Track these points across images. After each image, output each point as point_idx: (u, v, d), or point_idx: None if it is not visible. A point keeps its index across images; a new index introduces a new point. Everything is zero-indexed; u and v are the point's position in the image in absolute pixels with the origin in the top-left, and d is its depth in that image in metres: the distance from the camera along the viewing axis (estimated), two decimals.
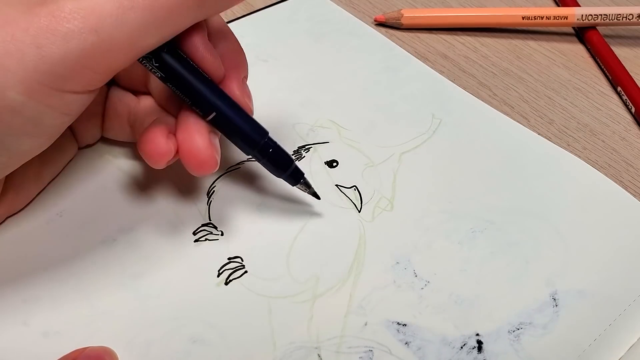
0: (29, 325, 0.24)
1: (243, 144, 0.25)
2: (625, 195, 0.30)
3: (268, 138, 0.25)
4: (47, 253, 0.26)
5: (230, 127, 0.25)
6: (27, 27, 0.19)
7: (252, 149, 0.25)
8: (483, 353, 0.24)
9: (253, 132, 0.25)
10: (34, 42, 0.19)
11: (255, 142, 0.25)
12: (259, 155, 0.25)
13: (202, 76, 0.24)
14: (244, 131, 0.25)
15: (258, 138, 0.25)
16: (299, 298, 0.26)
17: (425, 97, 0.35)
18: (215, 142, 0.25)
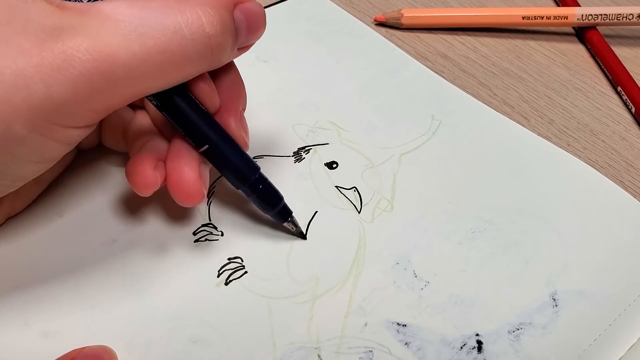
0: (29, 325, 0.24)
1: (233, 178, 0.25)
2: (625, 195, 0.30)
3: (259, 174, 0.25)
4: (47, 253, 0.26)
5: (222, 161, 0.25)
6: (39, 63, 0.19)
7: (242, 184, 0.25)
8: (483, 353, 0.24)
9: (244, 167, 0.25)
10: (43, 80, 0.19)
11: (246, 178, 0.25)
12: (248, 190, 0.25)
13: (197, 107, 0.24)
14: (235, 166, 0.25)
15: (249, 174, 0.25)
16: (299, 299, 0.26)
17: (425, 98, 0.35)
18: (205, 174, 0.25)
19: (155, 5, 0.21)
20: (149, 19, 0.20)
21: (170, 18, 0.21)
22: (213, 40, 0.22)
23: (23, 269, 0.26)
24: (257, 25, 0.24)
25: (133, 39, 0.20)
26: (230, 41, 0.23)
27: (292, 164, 0.31)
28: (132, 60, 0.20)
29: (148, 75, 0.21)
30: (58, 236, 0.27)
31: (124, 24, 0.20)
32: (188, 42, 0.21)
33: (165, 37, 0.20)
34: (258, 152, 0.31)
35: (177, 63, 0.21)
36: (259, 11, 0.24)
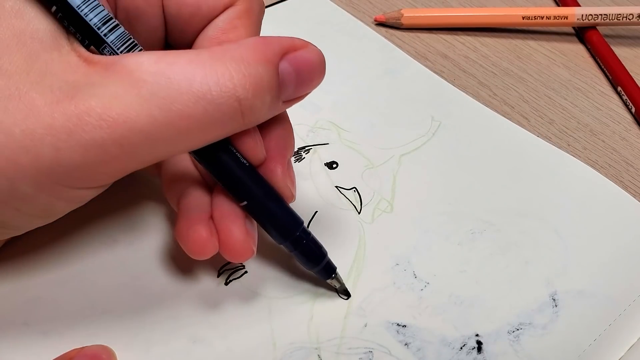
0: (30, 325, 0.24)
1: (275, 234, 0.24)
2: (625, 195, 0.30)
3: (302, 229, 0.24)
4: (48, 253, 0.26)
5: (263, 216, 0.23)
6: (50, 124, 0.18)
7: (285, 240, 0.24)
8: (483, 353, 0.24)
9: (287, 223, 0.24)
10: (53, 143, 0.18)
11: (289, 234, 0.24)
12: (290, 246, 0.24)
13: (236, 160, 0.22)
14: (277, 222, 0.23)
15: (292, 229, 0.24)
16: (299, 299, 0.26)
17: (424, 99, 0.35)
18: (252, 229, 0.23)
19: (185, 62, 0.19)
20: (175, 79, 0.18)
21: (198, 79, 0.19)
22: (245, 104, 0.19)
23: (23, 268, 0.25)
24: (310, 77, 0.22)
25: (154, 103, 0.18)
26: (268, 100, 0.20)
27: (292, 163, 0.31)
28: (151, 126, 0.18)
29: (169, 140, 0.19)
30: (58, 236, 0.27)
31: (146, 85, 0.18)
32: (216, 106, 0.19)
33: (190, 102, 0.18)
34: None
35: (202, 128, 0.19)
36: (314, 60, 0.22)
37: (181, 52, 0.20)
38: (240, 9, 0.23)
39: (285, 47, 0.21)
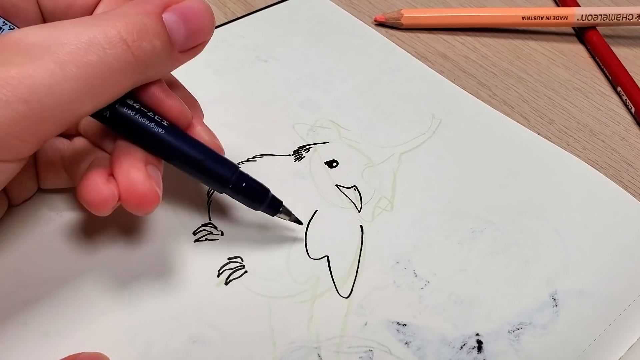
0: (30, 325, 0.24)
1: (214, 184, 0.24)
2: (625, 195, 0.30)
3: (238, 173, 0.25)
4: (48, 253, 0.26)
5: (197, 170, 0.24)
6: None
7: (224, 187, 0.24)
8: (483, 353, 0.24)
9: (222, 171, 0.24)
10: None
11: (227, 180, 0.24)
12: (232, 192, 0.25)
13: (157, 121, 0.23)
14: (212, 173, 0.24)
15: (229, 175, 0.24)
16: (299, 298, 0.26)
17: (425, 97, 0.35)
18: (155, 174, 0.23)
19: (68, 23, 0.20)
20: (62, 36, 0.19)
21: (84, 32, 0.20)
22: (133, 46, 0.20)
23: (23, 268, 0.25)
24: (199, 25, 0.23)
25: (48, 59, 0.19)
26: (159, 44, 0.21)
27: (292, 162, 0.31)
28: (51, 79, 0.19)
29: (74, 93, 0.19)
30: (58, 236, 0.27)
31: (36, 46, 0.19)
32: (107, 52, 0.20)
33: (81, 50, 0.19)
34: (258, 151, 0.31)
35: (101, 76, 0.20)
36: (198, 7, 0.22)
37: (64, 20, 0.20)
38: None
39: (165, 1, 0.22)
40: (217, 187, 0.25)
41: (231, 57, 0.36)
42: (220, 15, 0.40)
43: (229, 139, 0.30)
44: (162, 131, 0.23)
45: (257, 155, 0.31)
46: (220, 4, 0.41)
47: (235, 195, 0.25)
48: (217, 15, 0.40)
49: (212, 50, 0.36)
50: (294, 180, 0.30)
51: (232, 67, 0.36)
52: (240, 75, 0.35)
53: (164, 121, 0.23)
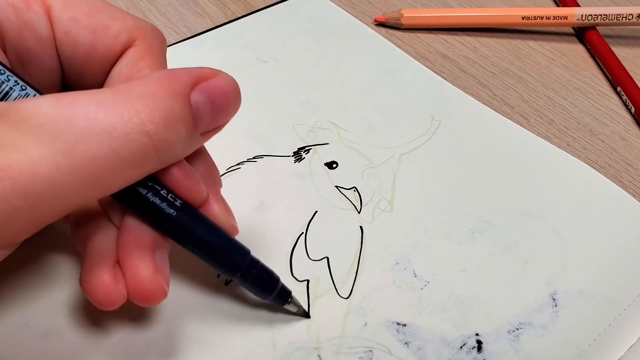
0: (30, 326, 0.24)
1: (223, 271, 0.23)
2: (625, 195, 0.30)
3: (250, 259, 0.23)
4: (48, 253, 0.26)
5: (207, 254, 0.22)
6: None
7: (234, 274, 0.22)
8: (483, 353, 0.24)
9: (234, 257, 0.22)
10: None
11: (237, 267, 0.22)
12: (241, 280, 0.23)
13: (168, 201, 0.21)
14: (223, 258, 0.22)
15: (239, 262, 0.22)
16: (299, 298, 0.26)
17: (424, 98, 0.35)
18: (162, 264, 0.21)
19: (86, 101, 0.17)
20: (76, 120, 0.17)
21: (100, 117, 0.17)
22: (156, 138, 0.18)
23: (23, 268, 0.25)
24: (225, 104, 0.21)
25: (56, 148, 0.17)
26: (184, 132, 0.19)
27: (292, 163, 0.31)
28: (55, 173, 0.17)
29: (78, 186, 0.17)
30: (58, 236, 0.27)
31: (45, 130, 0.17)
32: (123, 144, 0.17)
33: (94, 141, 0.17)
34: (258, 152, 0.31)
35: (112, 170, 0.18)
36: (227, 87, 0.21)
37: (82, 92, 0.18)
38: (140, 48, 0.22)
39: (194, 78, 0.20)
40: (225, 273, 0.23)
41: (231, 57, 0.36)
42: (220, 15, 0.40)
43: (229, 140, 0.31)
44: (173, 213, 0.21)
45: (257, 156, 0.31)
46: (220, 4, 0.41)
47: (243, 283, 0.23)
48: (217, 15, 0.40)
49: (211, 50, 0.37)
50: (294, 182, 0.30)
51: (232, 67, 0.36)
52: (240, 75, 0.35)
53: (177, 200, 0.21)
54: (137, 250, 0.20)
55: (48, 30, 0.21)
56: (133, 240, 0.21)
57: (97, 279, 0.20)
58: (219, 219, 0.22)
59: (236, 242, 0.23)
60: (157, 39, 0.23)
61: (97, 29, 0.22)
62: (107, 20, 0.22)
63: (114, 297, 0.20)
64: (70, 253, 0.26)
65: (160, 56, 0.23)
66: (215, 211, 0.22)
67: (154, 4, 0.40)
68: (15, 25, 0.21)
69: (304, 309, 0.25)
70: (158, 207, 0.20)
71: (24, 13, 0.21)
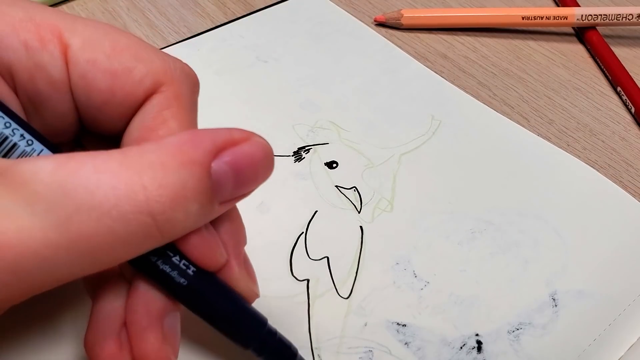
0: (30, 325, 0.24)
1: (238, 341, 0.21)
2: (625, 195, 0.30)
3: (267, 330, 0.21)
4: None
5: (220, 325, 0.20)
6: None
7: (249, 346, 0.21)
8: (483, 353, 0.24)
9: (249, 327, 0.20)
10: None
11: (253, 338, 0.21)
12: (255, 353, 0.21)
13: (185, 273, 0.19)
14: (237, 329, 0.20)
15: (256, 332, 0.21)
16: (299, 298, 0.26)
17: (425, 98, 0.35)
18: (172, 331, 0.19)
19: (89, 169, 0.16)
20: (75, 193, 0.15)
21: (102, 191, 0.15)
22: (160, 219, 0.16)
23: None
24: (253, 175, 0.18)
25: (49, 222, 0.15)
26: (195, 208, 0.17)
27: (292, 163, 0.31)
28: (47, 249, 0.15)
29: (72, 263, 0.16)
30: None
31: (40, 199, 0.15)
32: (122, 224, 0.16)
33: (92, 219, 0.15)
34: None
35: (109, 249, 0.16)
36: (257, 154, 0.18)
37: (88, 156, 0.16)
38: (167, 96, 0.20)
39: (219, 143, 0.17)
40: (239, 344, 0.21)
41: (231, 57, 0.36)
42: (220, 15, 0.40)
43: None
44: (184, 282, 0.19)
45: None
46: (220, 4, 0.41)
47: (256, 356, 0.21)
48: (217, 15, 0.40)
49: (211, 50, 0.37)
50: (294, 181, 0.30)
51: (232, 68, 0.36)
52: (240, 75, 0.35)
53: (190, 267, 0.19)
54: (146, 318, 0.19)
55: (63, 73, 0.19)
56: (143, 305, 0.19)
57: (102, 346, 0.19)
58: (237, 284, 0.20)
59: (252, 311, 0.21)
60: (187, 84, 0.20)
61: (117, 73, 0.19)
62: (130, 62, 0.19)
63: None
64: None
65: (189, 104, 0.20)
66: (234, 275, 0.20)
67: (154, 4, 0.40)
68: (26, 66, 0.19)
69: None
70: (168, 275, 0.19)
71: (37, 54, 0.19)
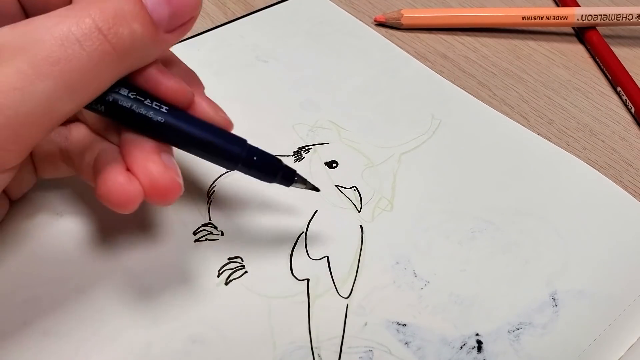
0: (29, 325, 0.24)
1: (225, 163, 0.23)
2: (625, 195, 0.30)
3: (248, 148, 0.23)
4: (47, 253, 0.26)
5: (205, 151, 0.23)
6: None
7: (235, 164, 0.23)
8: (483, 353, 0.24)
9: (232, 147, 0.23)
10: None
11: (237, 157, 0.23)
12: (244, 169, 0.23)
13: (159, 111, 0.22)
14: (221, 151, 0.23)
15: (239, 151, 0.23)
16: (299, 298, 0.26)
17: (424, 97, 0.35)
18: (170, 162, 0.22)
19: (41, 18, 0.19)
20: (34, 33, 0.18)
21: (57, 26, 0.18)
22: (111, 36, 0.19)
23: (23, 268, 0.25)
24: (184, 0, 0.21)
25: (19, 59, 0.18)
26: (139, 28, 0.20)
27: (292, 163, 0.31)
28: (23, 82, 0.18)
29: (50, 92, 0.18)
30: (58, 236, 0.27)
31: (6, 47, 0.18)
32: (82, 45, 0.18)
33: (54, 46, 0.18)
34: None
35: (79, 71, 0.19)
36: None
37: (37, 17, 0.19)
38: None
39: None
40: (228, 165, 0.23)
41: (231, 57, 0.36)
42: (220, 15, 0.40)
43: None
44: (161, 119, 0.21)
45: None
46: (220, 4, 0.41)
47: (247, 171, 0.24)
48: (217, 15, 0.40)
49: (211, 50, 0.37)
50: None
51: (232, 68, 0.36)
52: (240, 75, 0.35)
53: (163, 107, 0.22)
54: (142, 154, 0.21)
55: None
56: (136, 148, 0.21)
57: (112, 181, 0.21)
58: (209, 116, 0.23)
59: (231, 134, 0.23)
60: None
61: None
62: None
63: (130, 195, 0.21)
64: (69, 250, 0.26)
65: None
66: (204, 108, 0.23)
67: None
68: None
69: (312, 184, 0.26)
70: (145, 117, 0.21)
71: None
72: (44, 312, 0.24)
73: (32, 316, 0.24)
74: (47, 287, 0.25)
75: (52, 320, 0.24)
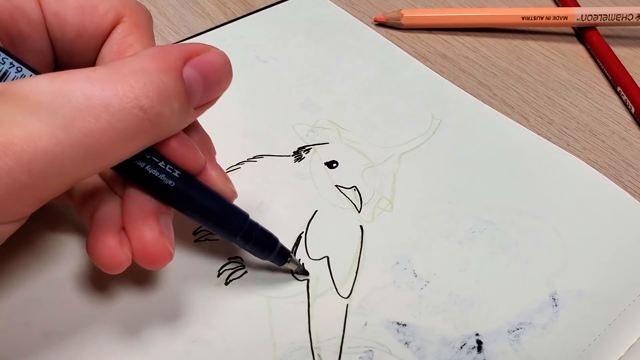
0: (30, 325, 0.24)
1: (225, 234, 0.24)
2: (625, 195, 0.30)
3: (249, 223, 0.24)
4: (47, 253, 0.26)
5: (208, 220, 0.23)
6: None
7: (235, 236, 0.24)
8: (483, 353, 0.24)
9: (234, 220, 0.23)
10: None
11: (238, 230, 0.23)
12: (242, 242, 0.24)
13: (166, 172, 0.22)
14: (224, 222, 0.23)
15: (240, 225, 0.23)
16: (299, 298, 0.26)
17: (425, 97, 0.35)
18: (166, 227, 0.22)
19: (81, 78, 0.18)
20: (73, 96, 0.18)
21: (97, 93, 0.18)
22: (151, 112, 0.19)
23: (23, 268, 0.25)
24: (217, 79, 0.22)
25: (55, 124, 0.17)
26: (177, 106, 0.20)
27: (292, 163, 0.31)
28: (56, 147, 0.17)
29: (78, 160, 0.18)
30: (58, 236, 0.27)
31: (44, 106, 0.18)
32: (119, 118, 0.18)
33: (91, 115, 0.18)
34: (258, 152, 0.31)
35: (110, 144, 0.18)
36: (219, 62, 0.22)
37: (76, 70, 0.19)
38: (128, 24, 0.23)
39: (186, 53, 0.20)
40: (227, 236, 0.24)
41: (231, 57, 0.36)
42: (220, 15, 0.40)
43: (229, 140, 0.31)
44: (172, 184, 0.22)
45: (257, 156, 0.31)
46: (220, 4, 0.41)
47: (244, 245, 0.24)
48: (217, 15, 0.40)
49: None
50: (294, 181, 0.30)
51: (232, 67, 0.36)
52: (240, 75, 0.35)
53: (175, 171, 0.22)
54: (141, 216, 0.21)
55: (38, 12, 0.22)
56: (136, 207, 0.22)
57: (103, 243, 0.21)
58: (217, 185, 0.23)
59: (235, 207, 0.24)
60: (144, 14, 0.24)
61: (84, 8, 0.23)
62: None
63: (119, 259, 0.21)
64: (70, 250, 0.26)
65: (148, 30, 0.24)
66: (213, 177, 0.23)
67: (154, 4, 0.40)
68: (6, 8, 0.22)
69: (303, 267, 0.26)
70: (157, 178, 0.21)
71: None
72: (44, 312, 0.24)
73: (32, 316, 0.24)
74: (48, 286, 0.25)
75: (53, 320, 0.24)
